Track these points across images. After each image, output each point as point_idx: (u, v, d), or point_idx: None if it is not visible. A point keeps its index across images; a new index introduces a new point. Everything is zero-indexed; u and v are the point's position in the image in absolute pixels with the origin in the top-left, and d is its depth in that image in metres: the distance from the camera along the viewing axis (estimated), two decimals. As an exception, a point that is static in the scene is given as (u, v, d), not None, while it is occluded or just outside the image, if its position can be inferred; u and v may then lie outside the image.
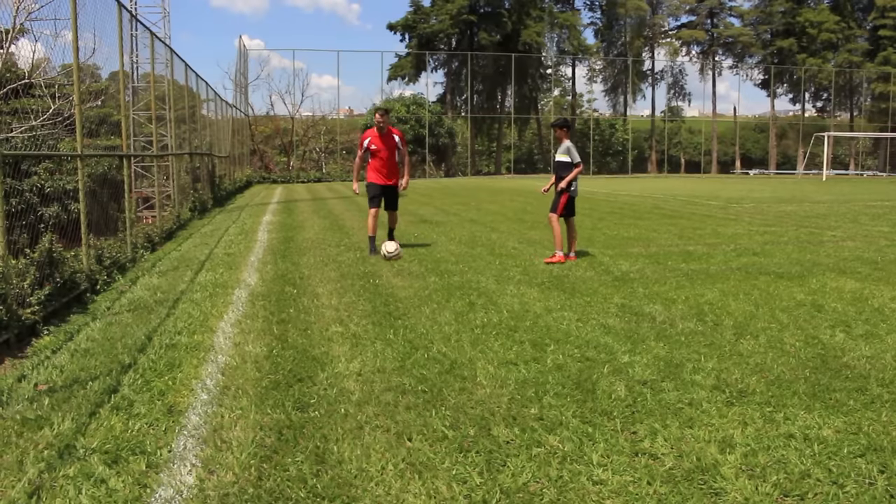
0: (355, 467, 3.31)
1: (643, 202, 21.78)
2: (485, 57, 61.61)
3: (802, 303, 6.82)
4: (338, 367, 4.80)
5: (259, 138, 53.64)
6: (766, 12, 70.32)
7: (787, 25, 68.95)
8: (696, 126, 74.44)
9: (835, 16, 67.78)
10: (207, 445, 3.55)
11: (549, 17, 65.20)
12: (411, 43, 62.99)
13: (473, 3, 60.77)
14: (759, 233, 12.89)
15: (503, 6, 61.51)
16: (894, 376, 4.58)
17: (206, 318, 6.26)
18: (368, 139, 10.04)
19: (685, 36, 71.84)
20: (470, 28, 62.44)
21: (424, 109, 57.17)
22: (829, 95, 70.78)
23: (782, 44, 68.74)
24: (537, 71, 66.34)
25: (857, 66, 68.16)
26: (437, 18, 61.38)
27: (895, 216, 16.79)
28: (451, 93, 64.40)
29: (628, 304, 6.73)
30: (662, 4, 71.74)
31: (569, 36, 66.99)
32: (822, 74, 68.24)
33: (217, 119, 27.83)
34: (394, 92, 66.75)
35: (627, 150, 66.65)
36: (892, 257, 9.74)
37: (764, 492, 3.07)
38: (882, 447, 3.49)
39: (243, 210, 19.55)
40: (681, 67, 73.04)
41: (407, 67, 62.56)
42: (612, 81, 71.71)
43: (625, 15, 68.64)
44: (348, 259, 9.66)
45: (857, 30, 69.76)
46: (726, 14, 72.94)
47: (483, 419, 3.86)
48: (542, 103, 71.52)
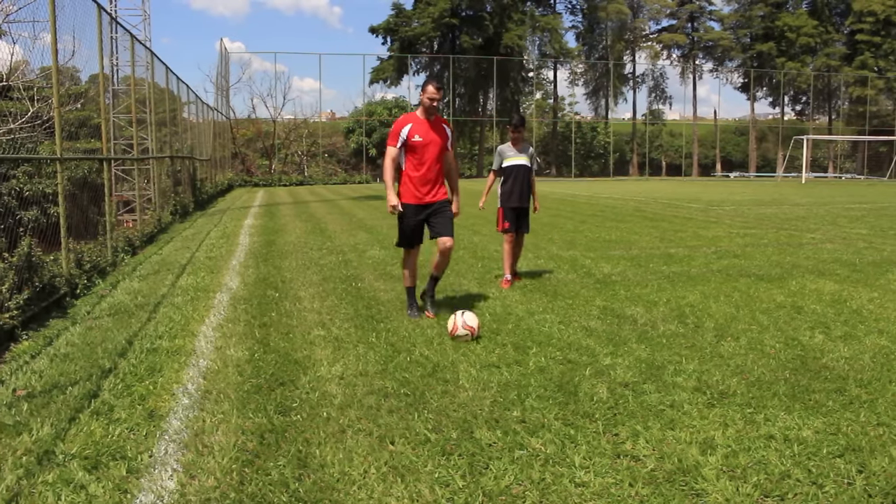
0: (338, 471, 3.30)
1: (624, 205, 21.88)
2: (467, 60, 61.69)
3: (782, 304, 6.88)
4: (320, 370, 4.79)
5: (241, 141, 53.46)
6: (745, 16, 70.92)
7: (767, 29, 69.55)
8: (676, 129, 74.92)
9: (813, 20, 68.45)
10: (189, 450, 3.53)
11: (530, 21, 65.38)
12: (393, 46, 62.95)
13: (455, 7, 60.83)
14: (739, 235, 12.98)
15: (485, 9, 61.61)
16: (872, 377, 4.62)
17: (188, 322, 6.23)
18: (409, 126, 6.25)
19: (666, 39, 72.29)
20: (452, 31, 62.50)
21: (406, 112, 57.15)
22: (808, 99, 71.43)
23: (762, 48, 69.31)
24: (519, 74, 66.48)
25: (835, 70, 68.82)
26: (418, 21, 61.37)
27: (873, 219, 16.96)
28: (434, 96, 64.30)
29: (610, 307, 6.75)
30: (643, 8, 72.16)
31: (550, 39, 67.19)
32: (800, 78, 68.86)
33: (198, 122, 27.69)
34: (376, 95, 66.88)
35: (609, 152, 66.93)
36: (870, 259, 9.84)
37: (744, 493, 3.09)
38: (860, 447, 3.52)
39: (225, 213, 19.46)
40: (661, 71, 73.50)
41: (389, 70, 62.51)
42: (594, 84, 72.03)
43: (606, 18, 68.96)
44: (330, 262, 9.64)
45: (834, 34, 70.47)
46: (706, 18, 73.44)
47: (465, 422, 3.86)
48: (524, 106, 71.68)
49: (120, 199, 19.77)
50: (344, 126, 60.25)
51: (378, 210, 19.73)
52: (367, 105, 58.39)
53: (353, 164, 56.99)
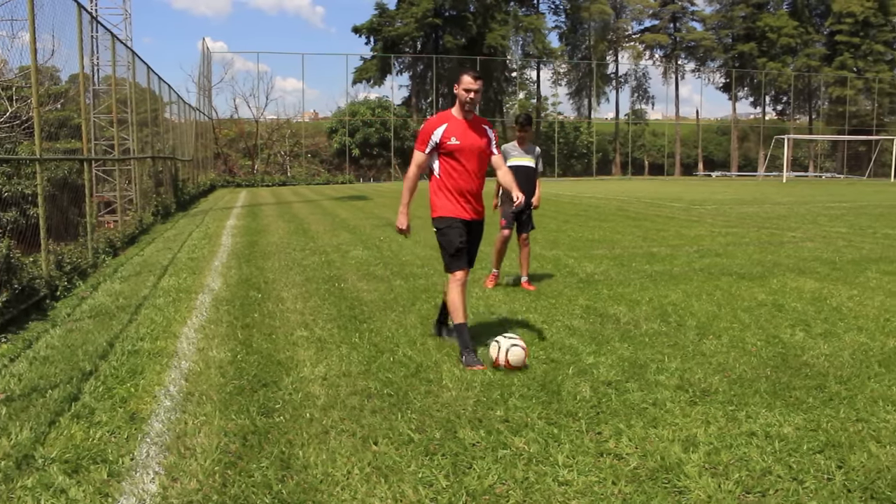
0: (321, 472, 3.29)
1: (607, 204, 21.96)
2: (450, 60, 61.68)
3: (763, 303, 6.93)
4: (303, 371, 4.77)
5: (223, 142, 53.19)
6: (727, 17, 71.38)
7: (748, 30, 70.03)
8: (659, 129, 75.29)
9: (793, 21, 68.99)
10: (171, 453, 3.51)
11: (513, 21, 65.48)
12: (376, 46, 62.86)
13: (438, 7, 60.83)
14: (721, 234, 13.06)
15: (468, 10, 61.64)
16: (852, 374, 4.66)
17: (170, 323, 6.19)
18: (444, 127, 5.23)
19: (648, 40, 72.63)
20: (435, 31, 62.49)
21: (390, 112, 57.17)
22: (789, 99, 72.00)
23: (743, 48, 69.78)
24: (502, 74, 66.57)
25: (815, 71, 69.40)
26: (402, 21, 61.32)
27: (852, 217, 17.12)
28: (417, 96, 64.39)
29: (593, 306, 6.77)
30: (626, 8, 72.46)
31: (533, 39, 67.32)
32: (781, 78, 69.40)
33: (180, 122, 27.54)
34: (359, 95, 66.71)
35: (592, 152, 67.14)
36: (849, 257, 9.93)
37: (726, 489, 3.11)
38: (840, 443, 3.55)
39: (207, 214, 19.37)
40: (644, 71, 73.86)
41: (372, 70, 62.42)
42: (577, 84, 72.24)
43: (589, 19, 69.18)
44: (313, 263, 9.61)
45: (814, 35, 71.08)
46: (689, 18, 73.88)
47: (449, 422, 3.86)
48: (507, 106, 71.76)
49: (101, 200, 19.63)
50: (327, 126, 60.11)
51: (361, 210, 19.70)
52: (350, 105, 58.32)
53: (336, 165, 56.88)
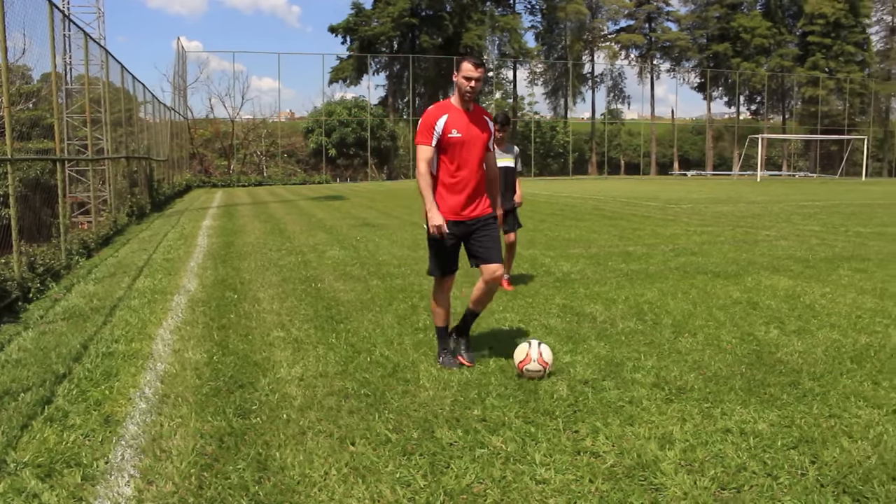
0: (298, 473, 3.28)
1: (584, 204, 22.06)
2: (426, 59, 61.68)
3: (738, 301, 6.99)
4: (279, 372, 4.75)
5: (198, 141, 52.80)
6: (701, 17, 71.99)
7: (722, 30, 70.67)
8: (635, 128, 75.77)
9: (767, 22, 69.71)
10: (146, 455, 3.47)
11: (490, 21, 65.59)
12: (352, 45, 62.70)
13: (415, 6, 60.78)
14: (696, 233, 13.16)
15: (444, 9, 61.66)
16: (825, 370, 4.72)
17: (145, 325, 6.13)
18: (445, 118, 4.81)
19: (624, 40, 73.07)
20: (411, 31, 62.43)
21: (366, 112, 57.04)
22: (763, 99, 72.75)
23: (717, 48, 70.39)
24: (479, 74, 66.56)
25: (788, 71, 70.16)
26: (378, 21, 61.21)
27: (825, 216, 17.32)
28: (393, 95, 64.32)
29: (569, 305, 6.80)
30: (602, 9, 72.84)
31: (510, 39, 67.49)
32: (755, 78, 70.08)
33: (155, 122, 27.31)
34: (335, 95, 66.54)
35: (568, 151, 67.42)
36: (822, 255, 10.05)
37: (702, 486, 3.13)
38: (813, 439, 3.59)
39: (182, 214, 19.22)
40: (620, 71, 74.32)
41: (348, 70, 62.25)
42: (553, 84, 72.52)
43: (565, 19, 69.45)
44: (289, 263, 9.57)
45: (787, 35, 71.86)
46: (664, 19, 74.41)
47: (426, 421, 3.86)
48: (484, 106, 71.82)
49: (74, 201, 19.41)
50: (303, 126, 59.86)
51: (338, 210, 19.65)
52: (326, 105, 58.10)
53: (313, 165, 56.67)
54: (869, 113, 72.96)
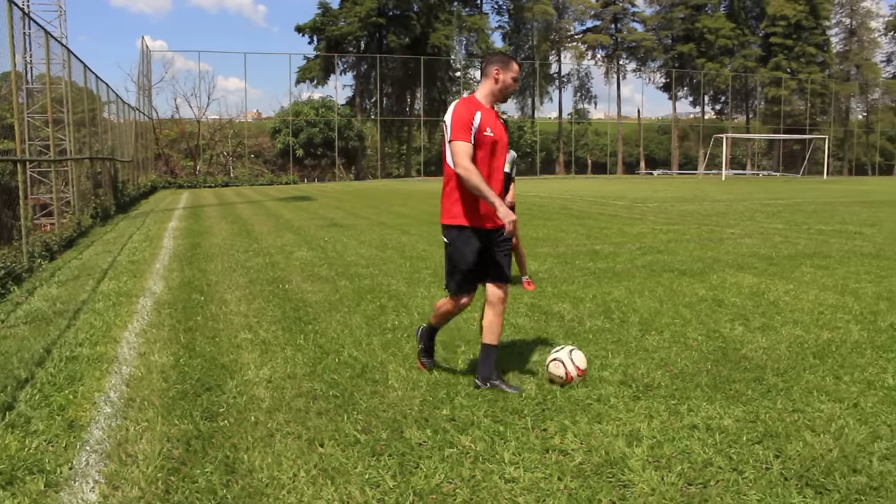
0: (266, 475, 3.26)
1: (551, 203, 22.17)
2: (394, 60, 61.59)
3: (704, 298, 7.07)
4: (247, 374, 4.71)
5: (164, 142, 52.24)
6: (666, 18, 72.77)
7: (687, 31, 71.50)
8: (601, 128, 76.35)
9: (730, 23, 70.68)
10: (111, 460, 3.43)
11: (457, 21, 65.67)
12: (319, 45, 62.42)
13: (382, 6, 60.66)
14: (662, 231, 13.29)
15: (412, 9, 61.61)
16: (788, 366, 4.79)
17: (110, 328, 6.05)
18: (479, 116, 4.36)
19: (590, 40, 73.62)
20: (379, 31, 62.29)
21: (334, 112, 56.81)
22: (727, 98, 73.71)
23: (682, 49, 71.22)
24: (446, 74, 66.70)
25: (751, 71, 71.18)
26: (345, 21, 61.00)
27: (788, 214, 17.59)
28: (361, 95, 64.14)
29: (537, 304, 6.83)
30: (568, 9, 73.31)
31: (477, 39, 67.64)
32: (719, 78, 70.99)
33: (119, 122, 26.95)
34: (302, 95, 66.18)
35: (535, 151, 67.70)
36: (785, 253, 10.20)
37: (669, 482, 3.16)
38: (777, 433, 3.65)
39: (148, 216, 19.00)
40: (586, 71, 74.88)
41: (315, 70, 61.96)
42: (520, 84, 72.74)
43: (532, 19, 69.77)
44: (257, 264, 9.50)
45: (750, 36, 72.94)
46: (629, 19, 75.11)
47: (395, 422, 3.86)
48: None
49: (36, 203, 19.10)
50: (270, 126, 59.47)
51: (305, 211, 19.55)
52: (293, 105, 57.78)
53: (280, 165, 56.34)
54: (829, 113, 74.27)
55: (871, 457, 3.37)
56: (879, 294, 7.23)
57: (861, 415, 3.91)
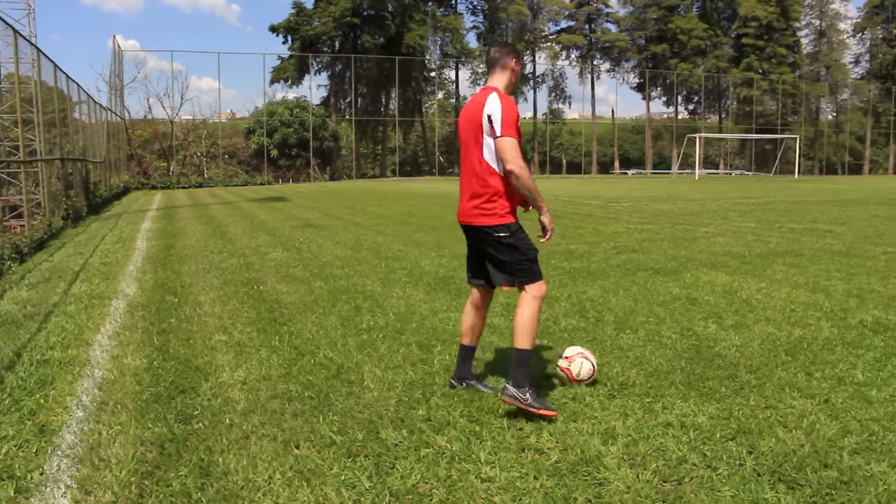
0: (241, 478, 3.24)
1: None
2: (368, 60, 61.49)
3: (678, 297, 7.12)
4: (222, 376, 4.68)
5: (136, 143, 51.75)
6: (640, 19, 73.34)
7: (660, 32, 72.09)
8: (576, 128, 76.76)
9: (703, 24, 71.38)
10: (84, 465, 3.39)
11: (432, 21, 65.70)
12: (294, 45, 62.17)
13: (356, 6, 60.53)
14: (637, 231, 13.38)
15: (386, 9, 61.55)
16: (761, 363, 4.84)
17: (82, 331, 5.98)
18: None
19: (565, 40, 73.99)
20: (353, 31, 62.16)
21: (308, 113, 56.61)
22: (700, 98, 74.41)
23: (656, 49, 71.79)
24: (421, 74, 66.72)
25: (723, 72, 71.91)
26: (319, 21, 60.80)
27: (760, 213, 17.77)
28: (335, 96, 63.95)
29: (512, 304, 6.80)
30: (543, 10, 73.63)
31: (452, 39, 67.72)
32: (692, 79, 71.63)
33: (91, 123, 26.65)
34: (277, 95, 65.86)
35: (511, 151, 67.71)
36: (758, 251, 10.31)
37: (644, 479, 3.18)
38: (750, 430, 3.69)
39: (121, 217, 18.81)
40: (561, 71, 75.24)
41: (290, 70, 61.70)
42: (496, 84, 72.83)
43: (506, 19, 69.97)
44: (231, 265, 9.44)
45: (723, 37, 73.70)
46: (603, 20, 75.62)
47: (371, 423, 3.85)
48: (427, 106, 72.03)
49: (6, 204, 18.83)
50: (244, 126, 59.15)
51: (280, 212, 19.45)
52: (267, 105, 57.50)
53: (255, 166, 56.05)
54: (800, 113, 75.25)
55: (842, 451, 3.42)
56: (849, 291, 7.33)
57: (832, 410, 3.96)
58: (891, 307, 6.58)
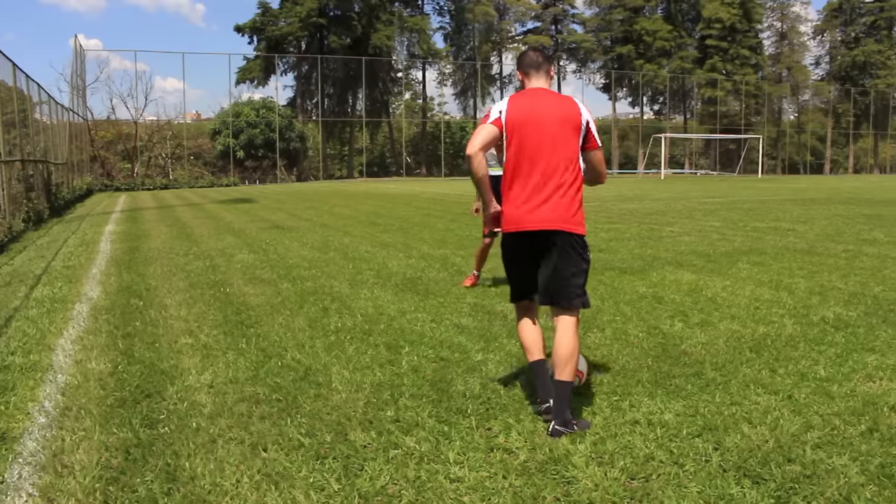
0: (209, 482, 3.20)
1: (495, 203, 22.23)
2: (335, 60, 61.24)
3: (644, 295, 7.19)
4: (188, 379, 4.63)
5: (100, 144, 50.90)
6: (606, 20, 73.91)
7: (626, 33, 72.71)
8: (543, 129, 76.92)
9: (667, 25, 72.13)
10: (46, 472, 3.33)
11: (398, 21, 65.60)
12: (260, 45, 61.71)
13: (323, 6, 60.26)
14: (603, 230, 13.47)
15: (353, 10, 61.35)
16: (726, 360, 4.90)
17: (44, 335, 5.88)
18: None
19: (531, 41, 74.13)
20: (320, 31, 61.87)
21: (275, 113, 56.23)
22: (665, 99, 75.14)
23: (621, 50, 72.38)
24: (388, 74, 66.57)
25: (688, 73, 72.72)
26: (285, 21, 60.44)
27: (725, 212, 18.00)
28: (302, 96, 63.61)
29: (481, 304, 6.86)
30: (509, 10, 73.83)
31: (418, 40, 67.65)
32: (657, 79, 72.34)
33: (52, 123, 26.22)
34: (242, 95, 65.26)
35: (479, 152, 67.85)
36: (722, 250, 10.43)
37: (612, 477, 3.21)
38: (716, 426, 3.73)
39: (84, 220, 18.53)
40: (528, 72, 75.33)
41: (256, 70, 61.23)
42: (462, 85, 73.12)
43: (473, 20, 70.09)
44: (197, 268, 9.34)
45: (687, 38, 74.54)
46: (569, 21, 76.07)
47: (339, 424, 3.83)
48: (394, 107, 71.93)
49: (-35, 207, 18.47)
50: (210, 127, 58.52)
51: (247, 213, 19.29)
52: (233, 106, 56.96)
53: (221, 167, 55.51)
54: (763, 113, 76.37)
55: (805, 446, 3.47)
56: (811, 289, 7.45)
57: (795, 406, 4.02)
58: (851, 304, 6.70)
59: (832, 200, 22.83)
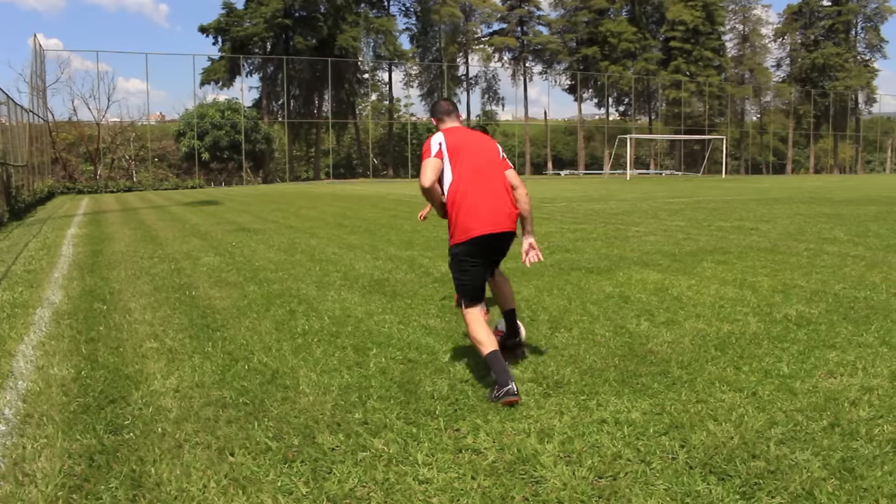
0: (175, 488, 3.17)
1: (462, 204, 22.25)
2: (301, 61, 60.91)
3: (611, 295, 7.24)
4: (153, 384, 4.57)
5: (61, 146, 50.09)
6: (571, 22, 74.39)
7: (591, 35, 73.26)
8: (509, 129, 77.32)
9: (632, 27, 72.84)
10: (6, 481, 3.27)
11: (364, 23, 65.43)
12: (224, 46, 61.18)
13: (288, 7, 59.91)
14: (570, 230, 13.56)
15: (318, 10, 61.07)
16: (692, 358, 4.96)
17: (4, 341, 5.77)
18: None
19: (497, 43, 74.55)
20: (285, 32, 61.51)
21: (240, 115, 55.78)
22: (630, 100, 75.84)
23: (587, 52, 72.92)
24: (354, 76, 66.38)
25: (653, 74, 73.45)
26: (251, 21, 60.00)
27: (690, 212, 18.20)
28: (268, 98, 63.18)
29: (448, 305, 6.86)
30: (475, 12, 73.99)
31: (385, 41, 67.57)
32: (622, 81, 72.97)
33: (11, 125, 25.75)
34: (207, 97, 64.64)
35: (445, 153, 67.92)
36: (687, 249, 10.55)
37: (580, 476, 3.23)
38: (682, 424, 3.77)
39: (45, 223, 18.22)
40: (494, 73, 75.77)
41: (220, 72, 60.69)
42: (429, 86, 73.10)
43: (439, 21, 70.14)
44: (162, 271, 9.23)
45: (651, 41, 75.32)
46: (535, 22, 76.45)
47: (307, 427, 3.81)
48: (360, 108, 71.73)
49: (-78, 211, 18.07)
50: (174, 129, 57.87)
51: (212, 216, 19.11)
52: (198, 107, 56.37)
53: (186, 169, 54.91)
54: (726, 114, 77.40)
55: (769, 442, 3.52)
56: (775, 287, 7.55)
57: (759, 403, 4.08)
58: (813, 301, 6.81)
59: (794, 200, 23.19)
